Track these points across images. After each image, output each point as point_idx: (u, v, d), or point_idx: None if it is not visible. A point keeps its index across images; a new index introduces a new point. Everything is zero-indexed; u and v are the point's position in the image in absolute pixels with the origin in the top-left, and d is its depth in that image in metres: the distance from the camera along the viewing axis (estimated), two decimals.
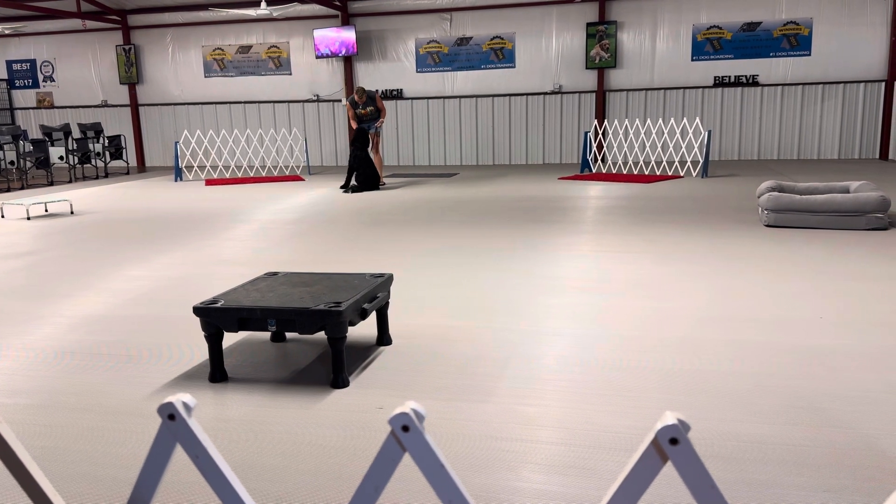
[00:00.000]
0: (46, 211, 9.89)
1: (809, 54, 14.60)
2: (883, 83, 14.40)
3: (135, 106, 18.15)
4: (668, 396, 3.12)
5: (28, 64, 18.69)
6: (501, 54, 15.91)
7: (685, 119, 13.91)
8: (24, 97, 18.94)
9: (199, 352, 3.89)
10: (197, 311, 3.34)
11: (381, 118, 11.77)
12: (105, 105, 18.42)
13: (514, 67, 15.90)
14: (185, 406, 1.30)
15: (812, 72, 14.67)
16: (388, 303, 3.89)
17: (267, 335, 4.13)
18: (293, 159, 17.10)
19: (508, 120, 16.14)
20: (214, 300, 3.42)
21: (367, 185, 11.39)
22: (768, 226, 7.19)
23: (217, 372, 3.44)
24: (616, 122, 14.66)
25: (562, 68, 15.70)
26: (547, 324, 4.19)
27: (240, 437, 2.85)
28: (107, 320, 4.54)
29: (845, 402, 3.01)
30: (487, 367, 3.52)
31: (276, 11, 16.19)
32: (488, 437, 2.78)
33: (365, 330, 4.17)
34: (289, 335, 4.10)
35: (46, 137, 14.92)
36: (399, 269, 5.77)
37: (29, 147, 13.85)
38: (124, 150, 15.63)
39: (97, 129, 15.44)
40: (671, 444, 1.14)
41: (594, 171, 13.66)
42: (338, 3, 15.87)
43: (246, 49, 17.22)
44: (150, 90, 18.05)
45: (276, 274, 3.96)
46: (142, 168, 17.76)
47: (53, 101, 18.75)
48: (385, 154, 16.85)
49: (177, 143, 14.26)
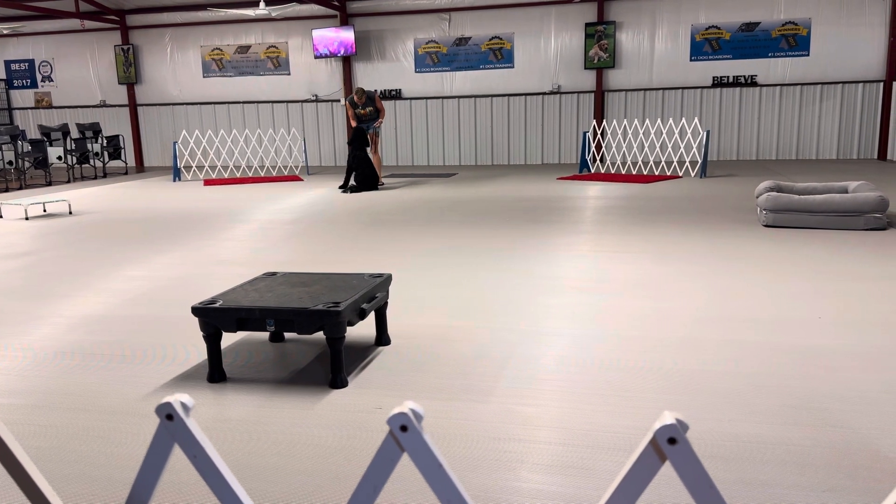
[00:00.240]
0: (45, 211, 9.89)
1: (808, 54, 14.61)
2: (881, 83, 14.42)
3: (133, 106, 18.14)
4: (666, 396, 3.12)
5: (26, 64, 18.68)
6: (500, 54, 15.91)
7: (684, 119, 13.91)
8: (22, 97, 18.92)
9: (198, 352, 3.89)
10: (195, 311, 3.34)
11: (381, 118, 11.79)
12: (103, 105, 18.41)
13: (513, 67, 15.90)
14: (184, 406, 1.30)
15: (810, 72, 14.68)
16: (386, 303, 3.89)
17: (265, 335, 4.13)
18: (292, 159, 17.09)
19: (507, 120, 16.15)
20: (213, 300, 3.42)
21: (365, 186, 11.39)
22: (767, 226, 7.20)
23: (215, 372, 3.44)
24: (615, 122, 14.67)
25: (560, 68, 15.70)
26: (546, 324, 4.20)
27: (238, 438, 2.85)
28: (105, 320, 4.53)
29: (844, 401, 3.01)
30: (486, 368, 3.52)
31: (275, 11, 16.19)
32: (487, 438, 2.78)
33: (363, 330, 4.17)
34: (287, 335, 4.10)
35: (45, 137, 14.90)
36: (398, 269, 5.77)
37: (27, 147, 13.84)
38: (123, 151, 15.62)
39: (95, 130, 15.43)
40: (669, 443, 1.14)
41: (593, 171, 13.67)
42: (336, 3, 15.87)
43: (244, 49, 17.21)
44: (149, 90, 18.04)
45: (274, 274, 3.95)
46: (140, 168, 17.75)
47: (52, 101, 18.74)
48: (384, 154, 16.85)
49: (175, 143, 14.25)
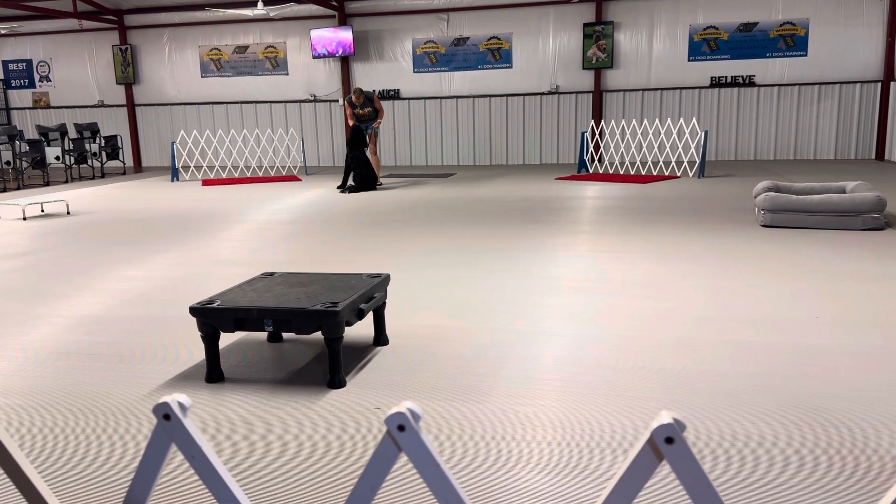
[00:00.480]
0: (43, 211, 9.87)
1: (806, 55, 14.63)
2: (879, 84, 14.44)
3: (131, 106, 18.12)
4: (664, 396, 3.12)
5: (24, 64, 18.66)
6: (498, 55, 15.91)
7: (682, 119, 13.92)
8: (20, 97, 18.90)
9: (196, 352, 3.89)
10: (193, 311, 3.34)
11: (379, 119, 11.78)
12: (101, 105, 18.39)
13: (511, 68, 15.90)
14: (181, 406, 1.30)
15: (808, 72, 14.70)
16: (384, 303, 3.89)
17: (263, 335, 4.12)
18: (290, 159, 17.08)
19: (505, 120, 16.15)
20: (211, 300, 3.41)
21: (364, 186, 11.38)
22: (765, 226, 7.21)
23: (213, 372, 3.44)
24: (613, 122, 14.67)
25: (559, 68, 15.71)
26: (544, 324, 4.20)
27: (236, 438, 2.85)
28: (103, 321, 4.53)
29: (841, 401, 3.01)
30: (484, 367, 3.52)
31: (273, 11, 16.18)
32: (485, 437, 2.78)
33: (362, 330, 4.17)
34: (285, 335, 4.09)
35: (43, 137, 14.89)
36: (396, 269, 5.77)
37: (25, 147, 13.82)
38: (121, 151, 15.60)
39: (93, 130, 15.41)
40: (667, 443, 1.14)
41: (591, 171, 13.68)
42: (334, 3, 15.87)
43: (243, 49, 17.20)
44: (147, 90, 18.02)
45: (272, 274, 3.95)
46: (138, 168, 17.73)
47: (50, 101, 18.72)
48: (382, 154, 16.85)
49: (173, 143, 14.23)
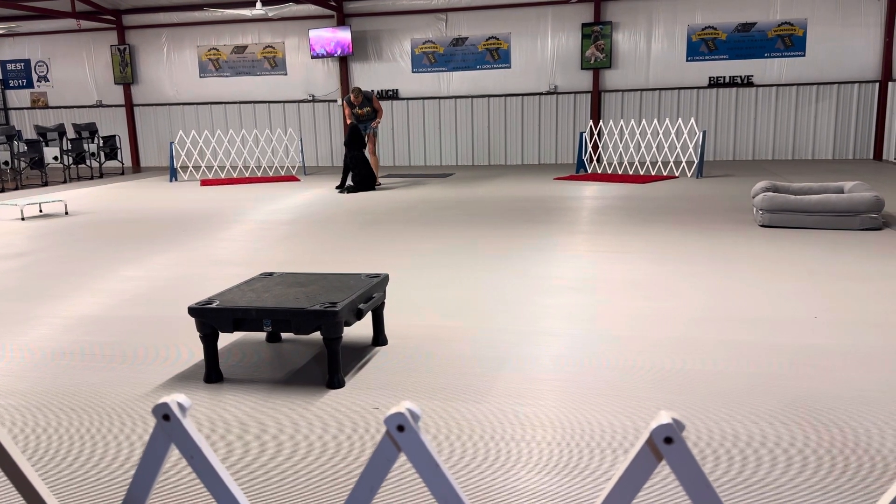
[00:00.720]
0: (41, 211, 9.86)
1: (804, 55, 14.64)
2: (877, 84, 14.45)
3: (130, 106, 18.11)
4: (663, 396, 3.12)
5: (22, 64, 18.63)
6: (497, 55, 15.92)
7: (680, 119, 13.93)
8: (18, 97, 18.88)
9: (195, 352, 3.88)
10: (192, 311, 3.34)
11: (378, 118, 11.77)
12: (100, 105, 18.37)
13: (510, 68, 15.91)
14: (180, 406, 1.30)
15: (806, 72, 14.71)
16: (383, 303, 3.89)
17: (262, 336, 4.12)
18: (288, 159, 17.08)
19: (504, 120, 16.15)
20: (210, 300, 3.41)
21: (363, 186, 11.38)
22: (763, 226, 7.21)
23: (212, 372, 3.44)
24: (611, 122, 14.68)
25: (557, 69, 15.71)
26: (543, 324, 4.20)
27: (235, 438, 2.85)
28: (102, 321, 4.53)
29: (839, 401, 3.02)
30: (483, 367, 3.52)
31: (272, 11, 16.17)
32: (484, 437, 2.78)
33: (361, 330, 4.17)
34: (284, 336, 4.09)
35: (41, 138, 14.87)
36: (395, 269, 5.77)
37: (23, 147, 13.80)
38: (119, 151, 15.59)
39: (92, 130, 15.40)
40: (666, 443, 1.15)
41: (589, 171, 13.68)
42: (333, 4, 15.86)
43: (241, 49, 17.19)
44: (145, 90, 18.01)
45: (271, 274, 3.95)
46: (137, 168, 17.72)
47: (48, 102, 18.70)
48: (381, 154, 16.84)
49: (172, 143, 14.22)
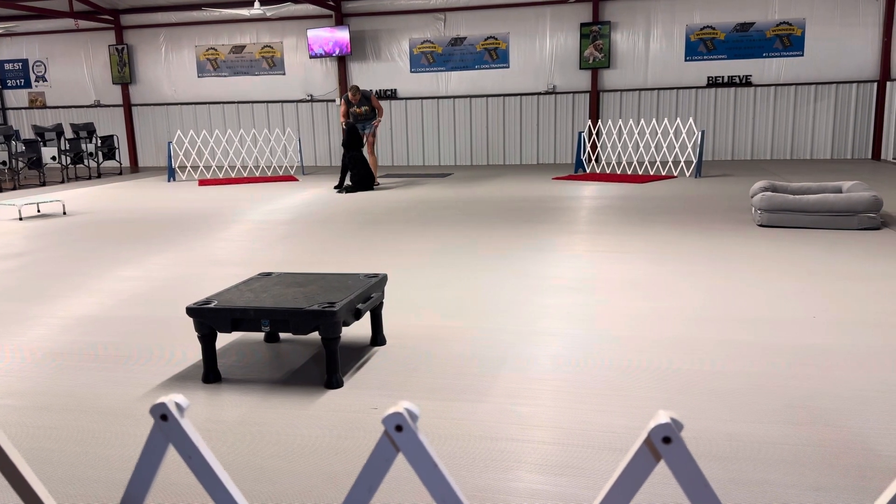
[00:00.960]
0: (39, 211, 9.85)
1: (802, 55, 14.66)
2: (875, 83, 14.47)
3: (128, 106, 18.09)
4: (661, 396, 3.12)
5: (20, 64, 18.61)
6: (495, 54, 15.92)
7: (678, 119, 13.94)
8: (15, 97, 18.85)
9: (193, 352, 3.88)
10: (190, 311, 3.33)
11: (379, 117, 11.72)
12: (98, 105, 18.36)
13: (508, 68, 15.91)
14: (178, 406, 1.29)
15: (805, 72, 14.73)
16: (382, 303, 3.89)
17: (261, 336, 4.12)
18: (287, 159, 17.07)
19: (502, 120, 16.15)
20: (208, 300, 3.41)
21: (361, 186, 11.37)
22: (761, 226, 7.22)
23: (210, 373, 3.43)
24: (610, 122, 14.69)
25: (556, 68, 15.71)
26: (541, 324, 4.20)
27: (233, 438, 2.85)
28: (100, 321, 4.52)
29: (838, 401, 3.02)
30: (482, 367, 3.52)
31: (270, 11, 16.16)
32: (482, 437, 2.78)
33: (359, 330, 4.17)
34: (282, 336, 4.09)
35: (38, 138, 14.85)
36: (393, 269, 5.77)
37: (21, 147, 13.79)
38: (117, 151, 15.58)
39: (90, 130, 15.38)
40: (664, 442, 1.14)
41: (588, 171, 13.69)
42: (331, 3, 15.86)
43: (239, 49, 17.18)
44: (143, 90, 17.99)
45: (269, 274, 3.95)
46: (135, 168, 17.70)
47: (46, 101, 18.68)
48: (379, 154, 16.84)
49: (170, 143, 14.22)
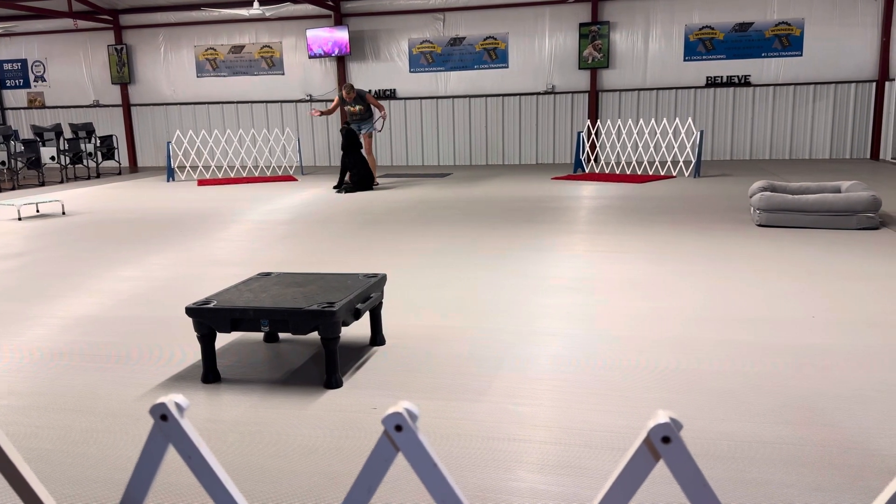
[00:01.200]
0: (38, 211, 9.85)
1: (801, 55, 14.66)
2: (874, 83, 14.48)
3: (127, 106, 18.08)
4: (661, 395, 3.13)
5: (19, 64, 18.60)
6: (494, 54, 15.92)
7: (677, 119, 13.95)
8: (14, 97, 18.84)
9: (192, 353, 3.88)
10: (189, 311, 3.33)
11: (381, 114, 11.59)
12: (97, 105, 18.35)
13: (508, 67, 15.91)
14: (178, 406, 1.30)
15: (804, 72, 14.73)
16: (381, 303, 3.89)
17: (260, 336, 4.12)
18: (286, 159, 17.07)
19: (501, 120, 16.16)
20: (207, 300, 3.41)
21: (360, 185, 11.38)
22: (760, 225, 7.22)
23: (210, 373, 3.43)
24: (609, 122, 14.69)
25: (555, 68, 15.72)
26: (540, 323, 4.20)
27: (233, 438, 2.85)
28: (99, 321, 4.52)
29: (837, 400, 3.02)
30: (481, 367, 3.52)
31: (269, 11, 16.16)
32: (482, 437, 2.78)
33: (358, 330, 4.17)
34: (282, 336, 4.09)
35: (37, 138, 14.84)
36: (392, 269, 5.77)
37: (20, 147, 13.78)
38: (116, 151, 15.57)
39: (89, 130, 15.37)
40: (663, 442, 1.15)
41: (587, 171, 13.69)
42: (330, 3, 15.85)
43: (238, 49, 17.18)
44: (142, 90, 17.98)
45: (269, 274, 3.95)
46: (134, 168, 17.69)
47: (45, 101, 18.66)
48: (379, 154, 16.84)
49: (169, 143, 14.21)
